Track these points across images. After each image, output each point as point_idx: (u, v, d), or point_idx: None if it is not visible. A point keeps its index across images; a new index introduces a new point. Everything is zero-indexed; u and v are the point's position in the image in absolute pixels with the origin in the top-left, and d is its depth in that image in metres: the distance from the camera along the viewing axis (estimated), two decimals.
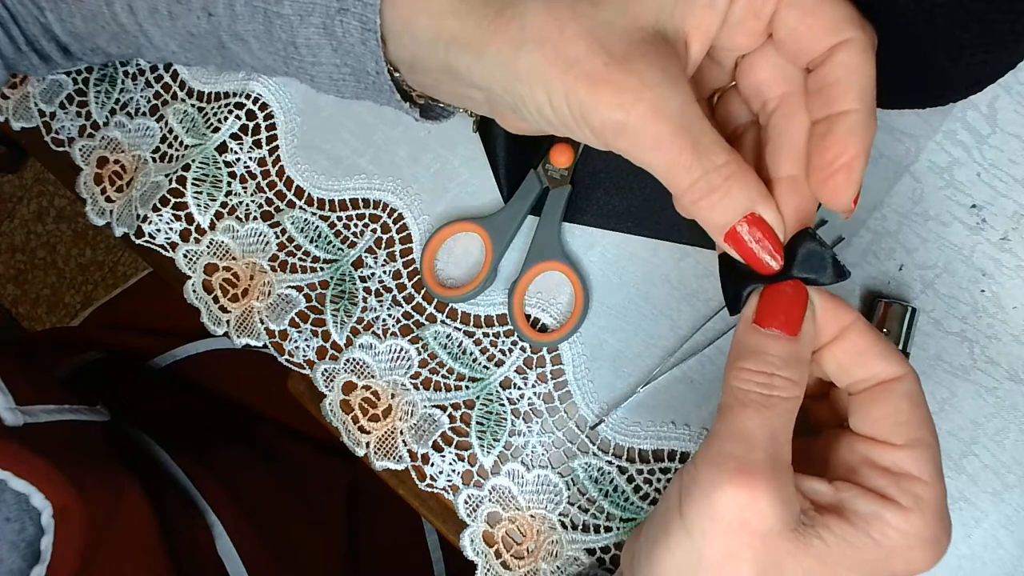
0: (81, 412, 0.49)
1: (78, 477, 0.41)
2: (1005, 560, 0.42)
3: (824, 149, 0.30)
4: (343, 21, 0.34)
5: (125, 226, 0.51)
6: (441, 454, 0.47)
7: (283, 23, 0.35)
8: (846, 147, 0.29)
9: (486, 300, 0.47)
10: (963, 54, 0.36)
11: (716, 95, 0.36)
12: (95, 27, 0.40)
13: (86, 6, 0.39)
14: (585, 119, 0.30)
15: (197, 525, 0.51)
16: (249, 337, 0.50)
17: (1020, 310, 0.43)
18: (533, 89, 0.30)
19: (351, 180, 0.49)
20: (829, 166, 0.30)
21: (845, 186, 0.29)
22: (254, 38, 0.37)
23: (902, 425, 0.30)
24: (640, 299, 0.46)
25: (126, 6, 0.38)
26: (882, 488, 0.30)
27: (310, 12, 0.34)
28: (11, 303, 1.55)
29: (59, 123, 0.53)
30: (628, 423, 0.45)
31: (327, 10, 0.34)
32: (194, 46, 0.39)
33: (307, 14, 0.34)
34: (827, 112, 0.30)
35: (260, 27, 0.36)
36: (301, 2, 0.34)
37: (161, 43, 0.40)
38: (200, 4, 0.36)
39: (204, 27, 0.37)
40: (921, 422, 0.30)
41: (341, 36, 0.35)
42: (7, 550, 0.38)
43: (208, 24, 0.37)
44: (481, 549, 0.46)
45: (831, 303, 0.31)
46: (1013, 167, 0.43)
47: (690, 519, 0.29)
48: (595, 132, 0.30)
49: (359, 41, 0.34)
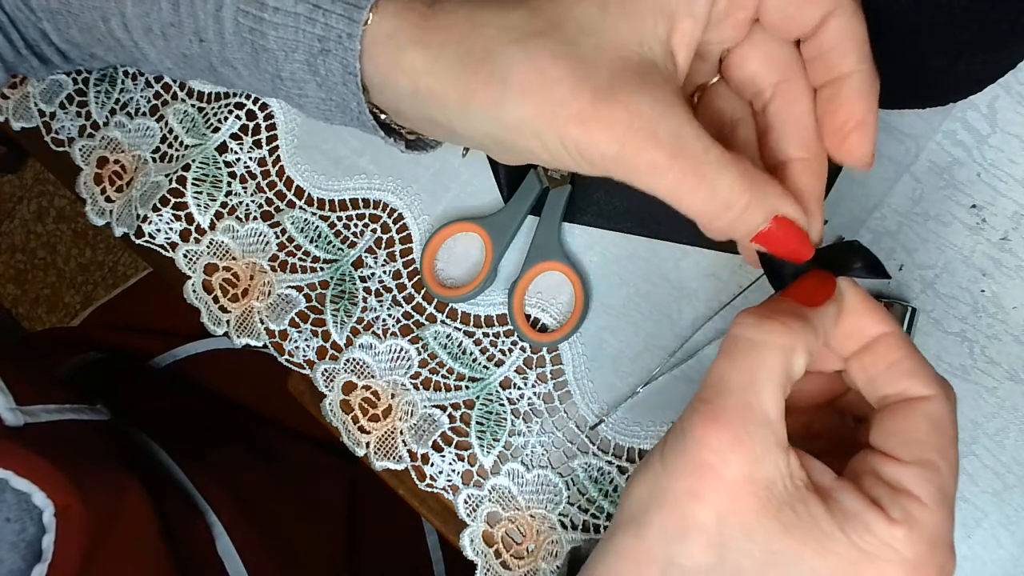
0: (81, 412, 0.49)
1: (79, 476, 0.41)
2: (1005, 560, 0.42)
3: (835, 112, 0.31)
4: (325, 61, 0.34)
5: (125, 226, 0.51)
6: (441, 454, 0.47)
7: (268, 56, 0.35)
8: (856, 107, 0.30)
9: (486, 300, 0.47)
10: (963, 54, 0.36)
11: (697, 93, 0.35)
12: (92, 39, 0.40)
13: (83, 20, 0.39)
14: (582, 156, 0.30)
15: (197, 525, 0.51)
16: (249, 337, 0.50)
17: (1020, 310, 0.43)
18: (524, 138, 0.30)
19: (351, 180, 0.49)
20: (843, 128, 0.30)
21: (862, 143, 0.30)
22: (243, 66, 0.37)
23: (914, 443, 0.29)
24: (640, 299, 0.46)
25: (121, 23, 0.38)
26: (877, 496, 0.29)
27: (294, 48, 0.34)
28: (11, 303, 1.55)
29: (59, 123, 0.53)
30: (628, 423, 0.45)
31: (310, 48, 0.34)
32: (188, 65, 0.39)
33: (291, 50, 0.35)
34: (829, 77, 0.31)
35: (248, 56, 0.36)
36: (286, 38, 0.34)
37: (156, 60, 0.40)
38: (192, 28, 0.37)
39: (196, 50, 0.37)
40: (937, 446, 0.29)
41: (324, 74, 0.35)
42: (7, 550, 0.38)
43: (200, 48, 0.37)
44: (481, 549, 0.46)
45: (867, 305, 0.31)
46: (1013, 167, 0.43)
47: (667, 455, 0.29)
48: (595, 165, 0.30)
49: (341, 82, 0.34)
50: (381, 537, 0.64)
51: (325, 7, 0.33)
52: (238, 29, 0.35)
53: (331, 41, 0.33)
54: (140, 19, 0.38)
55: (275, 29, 0.34)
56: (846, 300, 0.31)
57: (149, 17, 0.37)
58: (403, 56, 0.32)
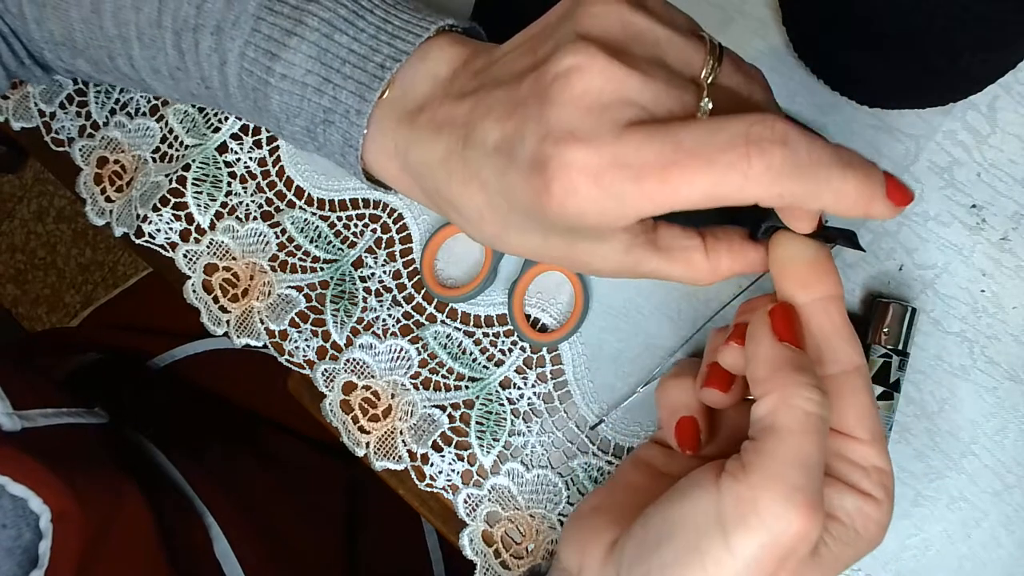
0: (79, 415, 0.49)
1: (76, 481, 0.41)
2: (1005, 560, 0.42)
3: None
4: (325, 131, 0.34)
5: (125, 226, 0.51)
6: (441, 454, 0.47)
7: (269, 115, 0.36)
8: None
9: (486, 300, 0.47)
10: (963, 54, 0.36)
11: None
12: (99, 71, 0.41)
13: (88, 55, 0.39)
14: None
15: (195, 527, 0.51)
16: (249, 337, 0.50)
17: (1020, 310, 0.43)
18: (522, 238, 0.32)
19: (351, 180, 0.49)
20: None
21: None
22: (248, 113, 0.37)
23: (864, 418, 0.31)
24: (640, 299, 0.46)
25: (128, 63, 0.38)
26: (858, 483, 0.30)
27: (296, 115, 0.35)
28: (11, 303, 1.55)
29: (59, 123, 0.53)
30: (628, 423, 0.45)
31: (312, 118, 0.34)
32: (196, 100, 0.40)
33: (293, 116, 0.35)
34: None
35: (251, 108, 0.36)
36: (289, 104, 0.35)
37: (166, 93, 0.41)
38: (198, 76, 0.37)
39: (203, 92, 0.38)
40: (875, 413, 0.31)
41: (323, 142, 0.35)
42: (2, 556, 0.38)
43: (207, 92, 0.38)
44: (480, 549, 0.46)
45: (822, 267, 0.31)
46: (1013, 167, 0.43)
47: (739, 542, 0.28)
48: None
49: (339, 152, 0.35)
50: (381, 537, 0.64)
51: (336, 82, 0.33)
52: (242, 85, 0.35)
53: (337, 114, 0.34)
54: (148, 61, 0.38)
55: (279, 94, 0.34)
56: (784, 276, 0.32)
57: (156, 60, 0.37)
58: (391, 162, 0.34)
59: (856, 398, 0.31)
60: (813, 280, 0.31)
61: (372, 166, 0.35)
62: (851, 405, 0.31)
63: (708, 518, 0.28)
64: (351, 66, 0.33)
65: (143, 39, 0.37)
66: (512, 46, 0.31)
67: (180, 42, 0.36)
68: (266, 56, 0.34)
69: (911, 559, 0.43)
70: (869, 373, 0.31)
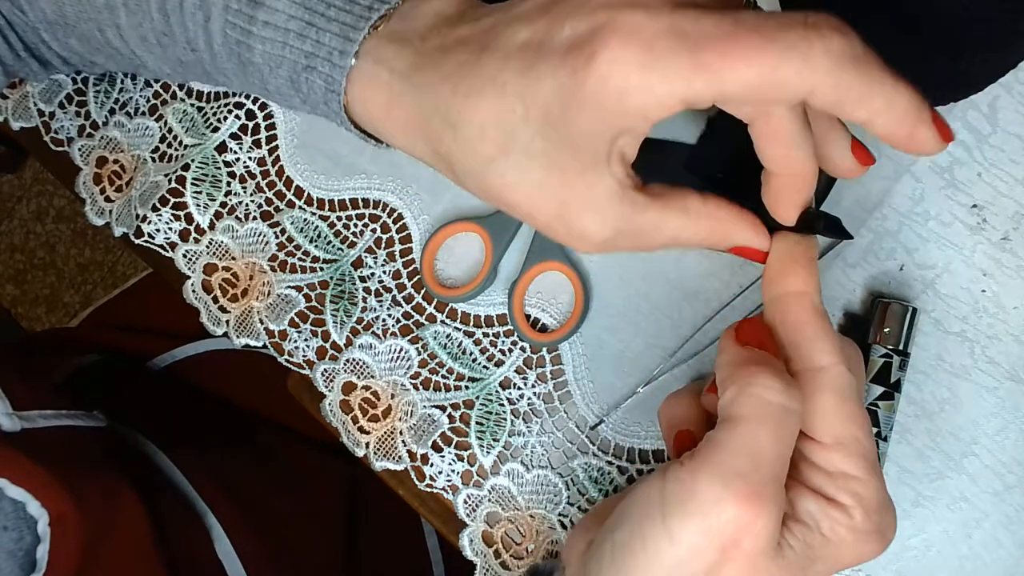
0: (78, 418, 0.49)
1: (75, 484, 0.41)
2: (1005, 560, 0.42)
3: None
4: (308, 79, 0.34)
5: (124, 226, 0.51)
6: (441, 454, 0.47)
7: (254, 69, 0.35)
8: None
9: (486, 300, 0.47)
10: (963, 54, 0.36)
11: None
12: (91, 48, 0.40)
13: (80, 30, 0.39)
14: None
15: (196, 528, 0.51)
16: (249, 337, 0.50)
17: (1021, 310, 0.42)
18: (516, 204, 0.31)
19: (351, 180, 0.49)
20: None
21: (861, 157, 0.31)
22: (233, 75, 0.37)
23: (827, 422, 0.29)
24: (640, 299, 0.46)
25: (117, 33, 0.38)
26: (821, 487, 0.29)
27: (279, 64, 0.34)
28: (11, 303, 1.55)
29: (58, 123, 0.53)
30: (628, 423, 0.45)
31: (295, 65, 0.34)
32: (186, 70, 0.40)
33: (276, 65, 0.34)
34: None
35: (236, 67, 0.36)
36: (272, 53, 0.34)
37: (155, 67, 0.40)
38: (184, 39, 0.37)
39: (190, 57, 0.38)
40: (847, 417, 0.29)
41: (306, 92, 0.35)
42: (4, 559, 0.38)
43: (193, 56, 0.37)
44: (480, 549, 0.46)
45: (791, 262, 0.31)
46: (1014, 167, 0.43)
47: (676, 529, 0.27)
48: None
49: (322, 100, 0.34)
50: (381, 537, 0.64)
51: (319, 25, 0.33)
52: (226, 40, 0.35)
53: (319, 58, 0.33)
54: (135, 29, 0.38)
55: (262, 43, 0.34)
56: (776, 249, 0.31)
57: (143, 27, 0.37)
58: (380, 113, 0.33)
59: (819, 399, 0.29)
60: (778, 276, 0.31)
61: (356, 108, 0.33)
62: (813, 406, 0.29)
63: (652, 501, 0.28)
64: (336, 8, 0.32)
65: (129, 5, 0.37)
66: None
67: (165, 4, 0.36)
68: (249, 5, 0.33)
69: (912, 559, 0.43)
70: (843, 375, 0.29)
